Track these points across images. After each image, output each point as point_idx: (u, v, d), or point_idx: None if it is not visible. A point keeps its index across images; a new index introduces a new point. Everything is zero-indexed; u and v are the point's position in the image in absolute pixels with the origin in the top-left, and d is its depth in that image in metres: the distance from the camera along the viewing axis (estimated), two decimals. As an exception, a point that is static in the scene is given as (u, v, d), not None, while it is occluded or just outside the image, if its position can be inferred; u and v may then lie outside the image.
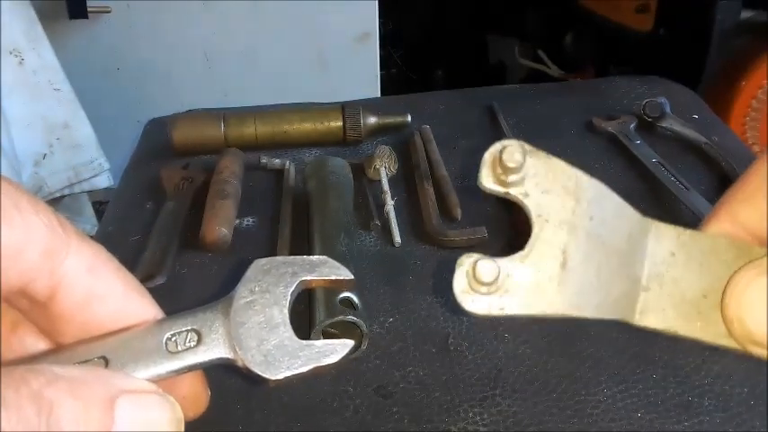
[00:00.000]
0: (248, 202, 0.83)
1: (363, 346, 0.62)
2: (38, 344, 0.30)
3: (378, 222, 0.78)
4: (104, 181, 1.38)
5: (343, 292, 0.61)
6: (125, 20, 1.56)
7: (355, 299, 0.62)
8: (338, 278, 0.31)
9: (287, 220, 0.79)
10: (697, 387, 0.58)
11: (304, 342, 0.29)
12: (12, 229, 0.26)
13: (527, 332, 0.65)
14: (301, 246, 0.76)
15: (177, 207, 0.81)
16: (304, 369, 0.28)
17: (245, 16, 1.60)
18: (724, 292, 0.26)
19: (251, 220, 0.82)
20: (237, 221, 0.79)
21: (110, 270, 0.30)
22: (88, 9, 1.46)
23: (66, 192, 1.35)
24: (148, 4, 1.56)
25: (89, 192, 1.43)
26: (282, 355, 0.28)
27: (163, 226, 0.78)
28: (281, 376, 0.28)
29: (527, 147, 0.27)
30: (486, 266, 0.26)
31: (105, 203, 1.50)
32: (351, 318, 0.60)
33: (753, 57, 1.50)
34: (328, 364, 0.29)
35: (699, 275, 0.28)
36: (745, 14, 1.48)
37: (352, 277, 0.31)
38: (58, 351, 0.29)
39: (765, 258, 0.26)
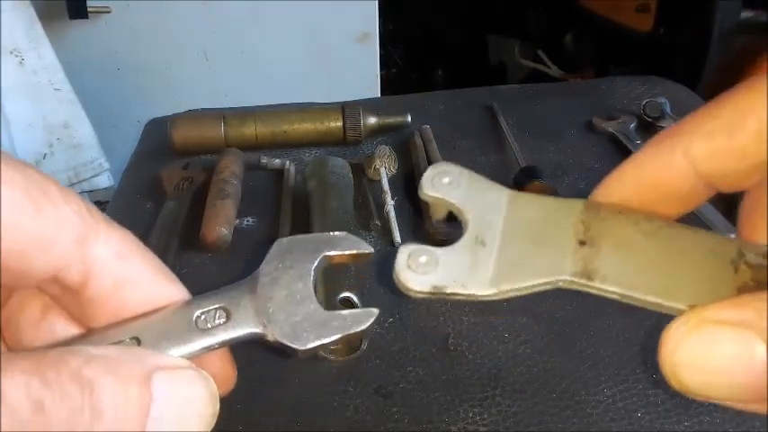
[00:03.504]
0: (248, 202, 0.83)
1: (363, 346, 0.62)
2: (68, 329, 0.30)
3: (378, 222, 0.78)
4: (104, 181, 1.38)
5: (343, 291, 0.61)
6: (125, 20, 1.56)
7: (355, 299, 0.62)
8: (360, 252, 0.32)
9: (287, 220, 0.79)
10: (697, 387, 0.58)
11: (331, 313, 0.29)
12: (43, 218, 0.26)
13: (527, 332, 0.65)
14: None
15: (177, 207, 0.81)
16: (332, 338, 0.29)
17: (245, 16, 1.59)
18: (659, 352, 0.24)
19: (251, 220, 0.82)
20: (237, 221, 0.79)
21: (138, 255, 0.30)
22: (88, 9, 1.45)
23: (67, 191, 1.35)
24: (148, 4, 1.56)
25: (89, 192, 1.43)
26: (310, 325, 0.29)
27: (163, 226, 0.78)
28: (310, 346, 0.29)
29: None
30: (422, 250, 0.28)
31: (105, 203, 1.49)
32: (351, 318, 0.60)
33: (753, 57, 1.50)
34: (355, 332, 0.29)
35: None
36: (745, 14, 1.48)
37: (372, 250, 0.32)
38: (89, 334, 0.29)
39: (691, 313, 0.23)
